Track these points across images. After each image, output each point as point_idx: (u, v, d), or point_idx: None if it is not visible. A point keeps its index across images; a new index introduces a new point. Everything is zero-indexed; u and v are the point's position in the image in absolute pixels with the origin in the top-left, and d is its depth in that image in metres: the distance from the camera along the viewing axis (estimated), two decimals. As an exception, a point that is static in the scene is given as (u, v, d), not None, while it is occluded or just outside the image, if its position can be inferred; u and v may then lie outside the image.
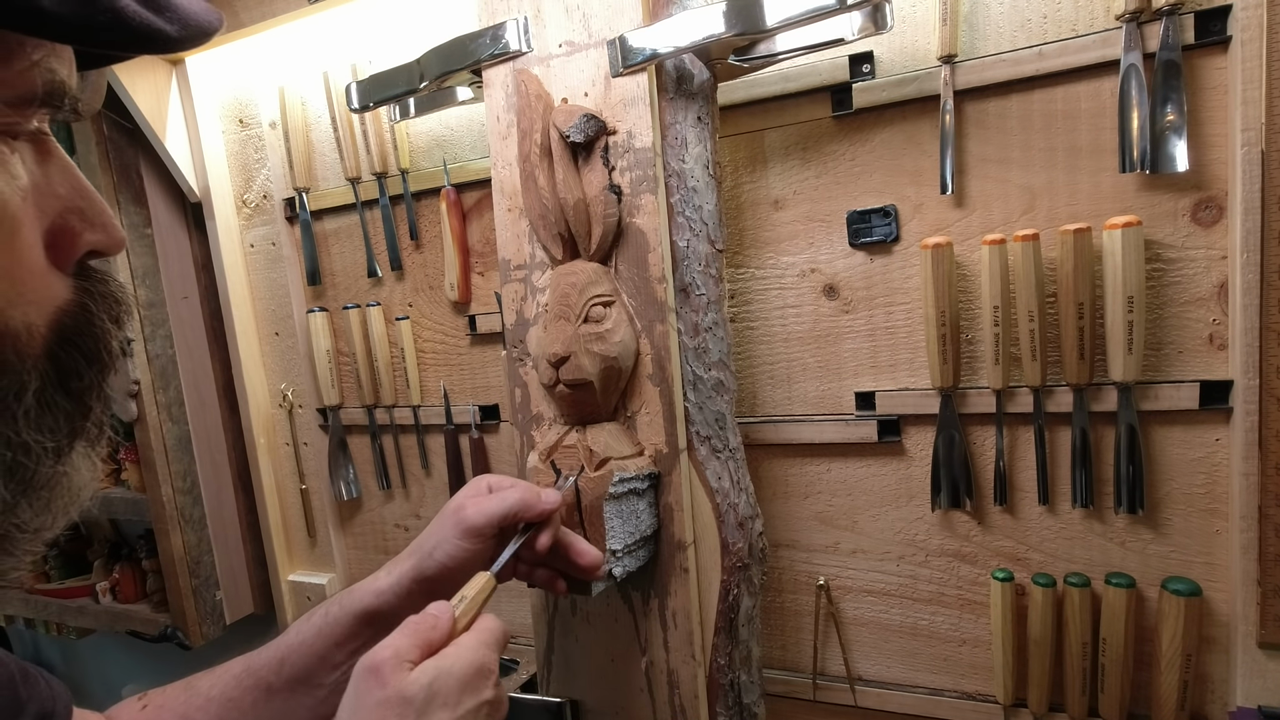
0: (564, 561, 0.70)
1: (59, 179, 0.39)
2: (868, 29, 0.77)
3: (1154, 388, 0.79)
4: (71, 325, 0.39)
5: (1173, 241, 0.78)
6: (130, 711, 0.67)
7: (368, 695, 0.49)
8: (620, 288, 0.79)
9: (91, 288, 0.40)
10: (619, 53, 0.75)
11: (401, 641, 0.51)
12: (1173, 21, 0.73)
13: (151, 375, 1.36)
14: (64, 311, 0.39)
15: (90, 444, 0.41)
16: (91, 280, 0.41)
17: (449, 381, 1.20)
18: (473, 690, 0.51)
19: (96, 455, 0.42)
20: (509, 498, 0.64)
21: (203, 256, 1.38)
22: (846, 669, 0.99)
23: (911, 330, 0.90)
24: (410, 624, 0.53)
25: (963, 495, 0.89)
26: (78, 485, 0.41)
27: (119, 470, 1.58)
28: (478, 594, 0.58)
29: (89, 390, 0.40)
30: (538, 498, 0.65)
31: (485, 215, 1.13)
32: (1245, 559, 0.77)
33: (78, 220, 0.39)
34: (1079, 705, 0.85)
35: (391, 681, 0.49)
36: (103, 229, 0.40)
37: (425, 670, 0.50)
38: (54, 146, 0.39)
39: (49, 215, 0.38)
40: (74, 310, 0.39)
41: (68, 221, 0.39)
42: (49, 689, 0.59)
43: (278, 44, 1.21)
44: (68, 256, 0.39)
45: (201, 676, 0.67)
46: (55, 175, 0.38)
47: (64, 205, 0.39)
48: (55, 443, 0.39)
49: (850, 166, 0.90)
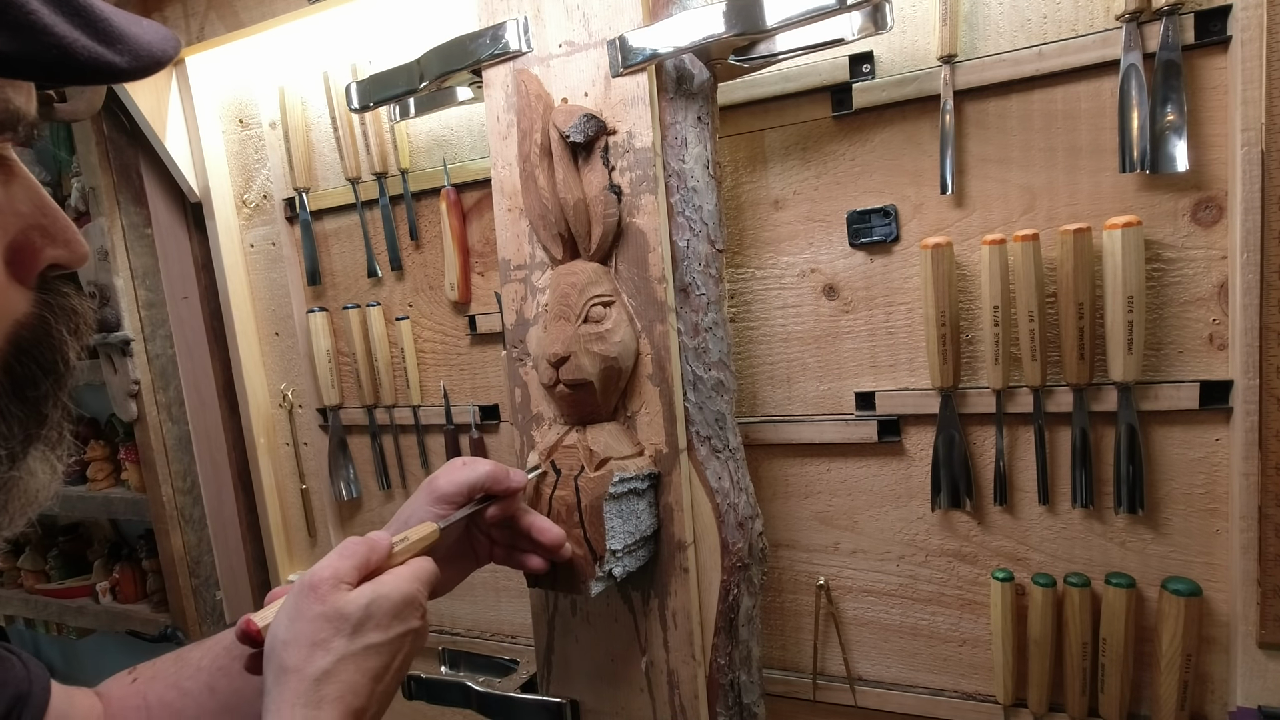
0: (529, 541, 0.72)
1: (21, 197, 0.40)
2: (868, 29, 0.77)
3: (1154, 388, 0.79)
4: (29, 337, 0.40)
5: (1173, 241, 0.78)
6: (121, 686, 0.68)
7: (307, 609, 0.51)
8: (620, 288, 0.79)
9: (51, 300, 0.42)
10: (619, 53, 0.75)
11: (341, 564, 0.54)
12: (1173, 21, 0.73)
13: (151, 375, 1.36)
14: (21, 325, 0.40)
15: (50, 447, 0.43)
16: (52, 293, 0.42)
17: (449, 382, 1.20)
18: (402, 618, 0.55)
19: (57, 458, 0.43)
20: (479, 468, 0.68)
21: (203, 256, 1.38)
22: (846, 669, 0.99)
23: (911, 330, 0.90)
24: (350, 546, 0.56)
25: (963, 495, 0.89)
26: (34, 489, 0.42)
27: (119, 470, 1.58)
28: (419, 540, 0.62)
29: (45, 399, 0.42)
30: (506, 474, 0.69)
31: (485, 215, 1.13)
32: (1245, 559, 0.76)
33: (39, 236, 0.40)
34: (1079, 705, 0.85)
35: (330, 599, 0.52)
36: (65, 244, 0.42)
37: (363, 592, 0.53)
38: (16, 167, 0.40)
39: (10, 232, 0.39)
40: (32, 323, 0.41)
41: (29, 237, 0.40)
42: (24, 669, 0.60)
43: (278, 44, 1.21)
44: (29, 271, 0.41)
45: (192, 648, 0.68)
46: (18, 194, 0.40)
47: (26, 222, 0.40)
48: (9, 449, 0.40)
49: (850, 166, 0.90)
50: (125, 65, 0.37)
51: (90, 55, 0.35)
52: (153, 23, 0.41)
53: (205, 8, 1.17)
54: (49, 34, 0.33)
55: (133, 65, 0.37)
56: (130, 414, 1.37)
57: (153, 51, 0.38)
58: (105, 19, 0.36)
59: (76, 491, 1.59)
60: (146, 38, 0.38)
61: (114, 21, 0.37)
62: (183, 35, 1.21)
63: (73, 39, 0.34)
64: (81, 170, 1.34)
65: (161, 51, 0.39)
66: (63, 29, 0.34)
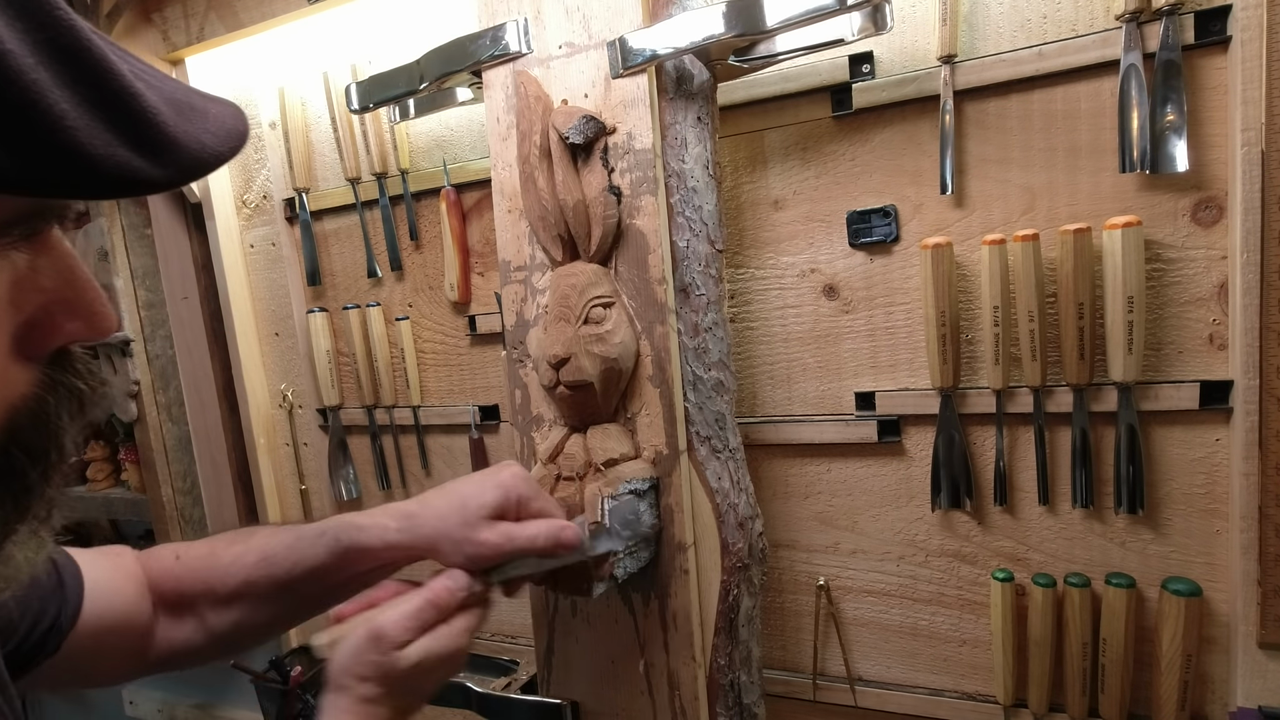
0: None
1: (48, 272, 0.36)
2: (868, 29, 0.77)
3: (1154, 388, 0.79)
4: (23, 423, 0.36)
5: (1173, 241, 0.78)
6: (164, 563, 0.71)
7: (365, 653, 0.58)
8: (620, 289, 0.79)
9: (56, 378, 0.38)
10: (619, 54, 0.75)
11: (408, 621, 0.58)
12: (1173, 21, 0.73)
13: (151, 375, 1.36)
14: (16, 409, 0.36)
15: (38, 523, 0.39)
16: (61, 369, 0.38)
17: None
18: (445, 670, 0.60)
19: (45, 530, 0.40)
20: (537, 537, 0.64)
21: (203, 257, 1.38)
22: (846, 669, 0.99)
23: (911, 330, 0.89)
24: (423, 599, 0.60)
25: (963, 495, 0.89)
26: (12, 570, 0.39)
27: (119, 471, 1.58)
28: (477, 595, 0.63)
29: (29, 491, 0.38)
30: (560, 536, 0.65)
31: (485, 215, 1.13)
32: (1245, 559, 0.76)
33: (61, 310, 0.36)
34: (1079, 706, 0.85)
35: (389, 652, 0.57)
36: (86, 318, 0.37)
37: (416, 649, 0.58)
38: (53, 239, 0.36)
39: (25, 310, 0.35)
40: (28, 407, 0.36)
41: (48, 313, 0.36)
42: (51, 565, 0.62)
43: (278, 44, 1.21)
44: (41, 347, 0.37)
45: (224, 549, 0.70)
46: (44, 268, 0.35)
47: (47, 298, 0.36)
48: None
49: (850, 166, 0.90)
50: (162, 179, 0.31)
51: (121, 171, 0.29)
52: (224, 104, 0.36)
53: (205, 8, 1.17)
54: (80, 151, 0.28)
55: (172, 179, 0.32)
56: (130, 414, 1.37)
57: (203, 157, 0.33)
58: (155, 124, 0.30)
59: (76, 492, 1.59)
60: (201, 138, 0.33)
61: (164, 127, 0.31)
62: (182, 35, 1.21)
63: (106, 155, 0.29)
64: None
65: (215, 154, 0.34)
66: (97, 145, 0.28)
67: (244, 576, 0.67)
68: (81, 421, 0.40)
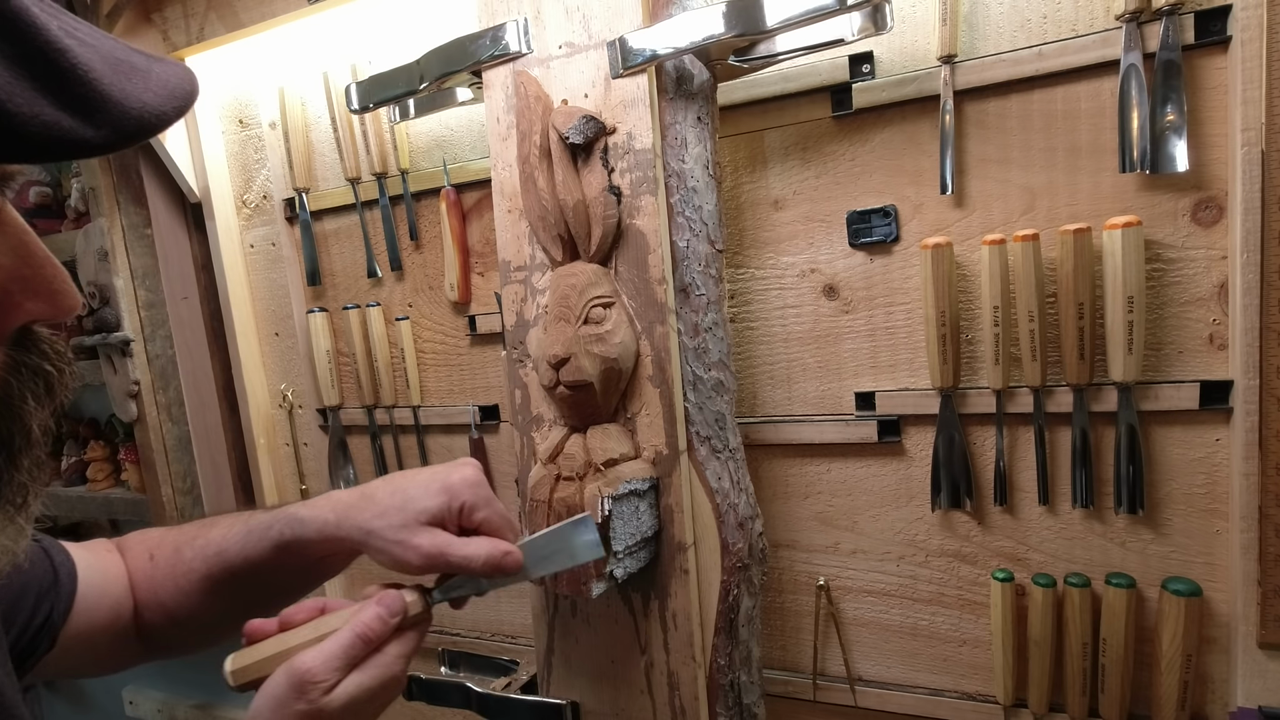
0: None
1: (2, 248, 0.35)
2: (868, 29, 0.77)
3: (1154, 388, 0.79)
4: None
5: (1173, 241, 0.78)
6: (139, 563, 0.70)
7: (290, 704, 0.52)
8: (620, 289, 0.79)
9: (19, 359, 0.37)
10: (619, 54, 0.75)
11: (335, 661, 0.53)
12: (1173, 21, 0.73)
13: (151, 375, 1.36)
14: None
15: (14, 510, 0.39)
16: (26, 350, 0.37)
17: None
18: (382, 699, 0.55)
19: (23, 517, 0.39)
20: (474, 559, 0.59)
21: (203, 257, 1.38)
22: (846, 669, 0.99)
23: (911, 330, 0.89)
24: (352, 634, 0.54)
25: (963, 495, 0.89)
26: None
27: (119, 471, 1.58)
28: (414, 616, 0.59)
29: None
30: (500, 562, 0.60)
31: (485, 215, 1.13)
32: (1245, 559, 0.76)
33: (19, 289, 0.35)
34: (1079, 706, 0.85)
35: (316, 700, 0.52)
36: (47, 297, 0.36)
37: (346, 688, 0.53)
38: (5, 214, 0.35)
39: None
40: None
41: (6, 291, 0.35)
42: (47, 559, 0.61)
43: (278, 44, 1.21)
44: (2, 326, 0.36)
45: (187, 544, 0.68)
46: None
47: (4, 275, 0.35)
48: None
49: (850, 166, 0.90)
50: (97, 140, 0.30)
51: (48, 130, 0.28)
52: (171, 64, 0.34)
53: (205, 8, 1.17)
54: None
55: (109, 140, 0.30)
56: (130, 414, 1.37)
57: (144, 117, 0.31)
58: (86, 82, 0.29)
59: (76, 492, 1.59)
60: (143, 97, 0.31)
61: (97, 84, 0.29)
62: (182, 35, 1.21)
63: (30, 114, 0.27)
64: (81, 171, 1.34)
65: (158, 114, 0.32)
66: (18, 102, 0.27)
67: (204, 571, 0.66)
68: (51, 404, 0.38)
